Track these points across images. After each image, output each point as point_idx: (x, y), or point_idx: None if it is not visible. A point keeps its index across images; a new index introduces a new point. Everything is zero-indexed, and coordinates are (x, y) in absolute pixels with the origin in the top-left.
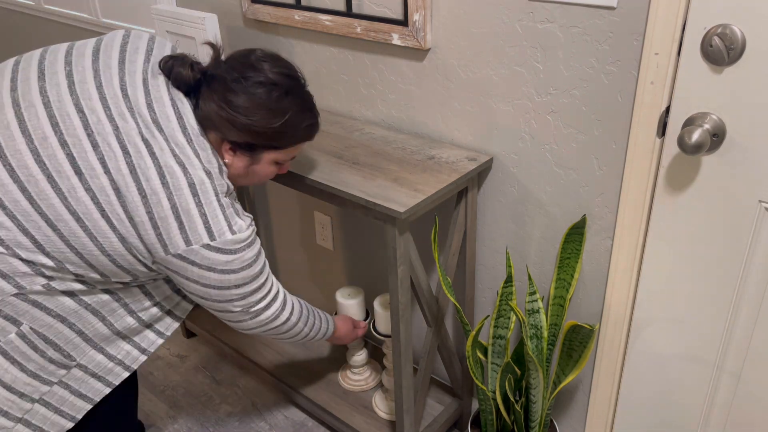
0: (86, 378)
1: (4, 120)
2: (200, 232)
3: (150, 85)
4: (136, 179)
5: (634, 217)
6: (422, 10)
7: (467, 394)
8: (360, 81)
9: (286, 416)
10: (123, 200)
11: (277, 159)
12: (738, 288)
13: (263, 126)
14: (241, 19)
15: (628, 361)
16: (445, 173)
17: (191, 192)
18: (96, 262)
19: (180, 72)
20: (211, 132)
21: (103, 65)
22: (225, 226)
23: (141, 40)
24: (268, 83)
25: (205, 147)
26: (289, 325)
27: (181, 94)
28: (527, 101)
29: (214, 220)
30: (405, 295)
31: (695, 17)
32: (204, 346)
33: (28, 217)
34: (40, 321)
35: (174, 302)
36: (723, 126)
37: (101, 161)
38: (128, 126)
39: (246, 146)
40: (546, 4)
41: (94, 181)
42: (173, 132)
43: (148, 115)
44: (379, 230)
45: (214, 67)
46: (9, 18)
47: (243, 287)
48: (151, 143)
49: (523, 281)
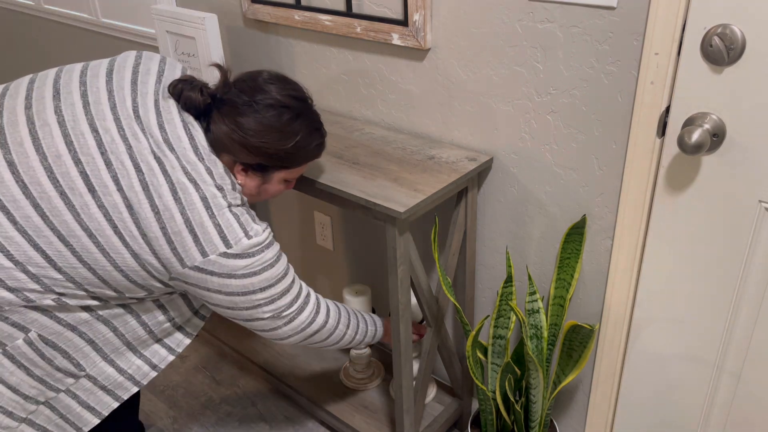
0: (95, 390)
1: (18, 137)
2: (215, 243)
3: (161, 107)
4: (149, 196)
5: (634, 217)
6: (422, 10)
7: (467, 394)
8: (360, 81)
9: (286, 416)
10: (136, 217)
11: (286, 177)
12: (738, 288)
13: (275, 148)
14: (241, 19)
15: (628, 361)
16: (445, 173)
17: (204, 206)
18: (109, 278)
19: (190, 96)
20: (224, 154)
21: (117, 86)
22: (241, 233)
23: (152, 61)
24: (278, 106)
25: (217, 165)
26: (329, 329)
27: (191, 118)
28: (527, 101)
29: (228, 229)
30: (405, 295)
31: (695, 17)
32: (204, 346)
33: (40, 233)
34: (49, 329)
35: (186, 318)
36: (723, 126)
37: (114, 179)
38: (141, 145)
39: (258, 167)
40: (546, 4)
41: (107, 198)
42: (185, 151)
43: (159, 136)
44: (379, 230)
45: (224, 91)
46: (9, 18)
47: (268, 290)
48: (164, 161)
49: (523, 281)
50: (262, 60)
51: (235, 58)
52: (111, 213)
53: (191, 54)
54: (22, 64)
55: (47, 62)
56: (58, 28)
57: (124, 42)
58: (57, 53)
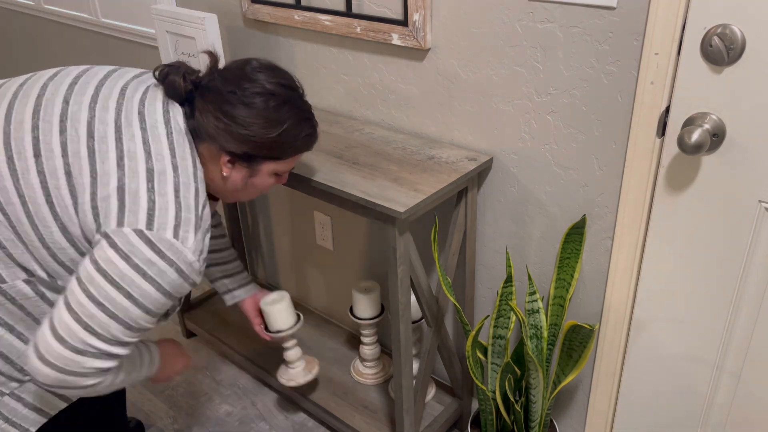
0: (41, 392)
1: None
2: (139, 216)
3: (150, 91)
4: (92, 162)
5: (634, 217)
6: (422, 10)
7: (467, 394)
8: (360, 81)
9: (286, 416)
10: (72, 183)
11: (276, 170)
12: (738, 288)
13: (261, 135)
14: (241, 19)
15: (628, 361)
16: (445, 173)
17: (147, 178)
18: (39, 256)
19: (174, 81)
20: (207, 143)
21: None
22: (171, 224)
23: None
24: (265, 93)
25: (184, 145)
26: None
27: (175, 104)
28: (527, 101)
29: (161, 211)
30: (405, 295)
31: (695, 17)
32: (204, 346)
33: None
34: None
35: None
36: (723, 126)
37: (62, 144)
38: (107, 114)
39: (245, 157)
40: (546, 4)
41: (49, 162)
42: (155, 123)
43: (136, 108)
44: (379, 230)
45: (209, 79)
46: (9, 18)
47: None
48: (123, 130)
49: (523, 281)
50: None
51: (236, 58)
52: (48, 179)
53: (191, 54)
54: (22, 64)
55: (47, 62)
56: (58, 28)
57: (124, 42)
58: (57, 53)
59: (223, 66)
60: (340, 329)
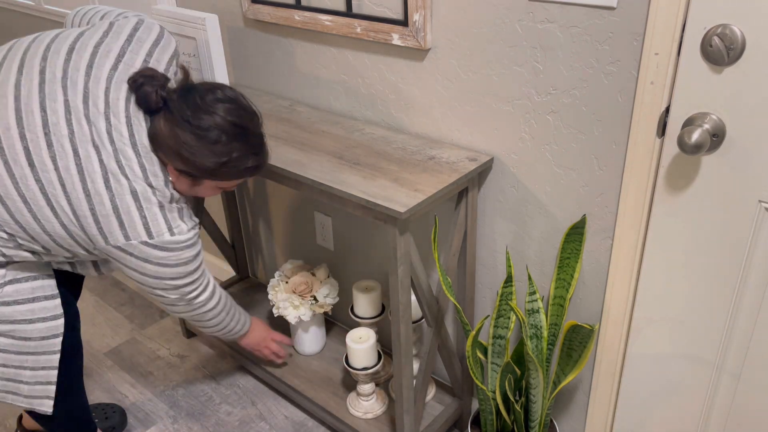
0: None
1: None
2: (139, 231)
3: (110, 97)
4: (83, 180)
5: (634, 217)
6: (422, 10)
7: (467, 394)
8: (360, 81)
9: (286, 416)
10: (68, 196)
11: (218, 186)
12: (738, 288)
13: (203, 163)
14: (242, 19)
15: (627, 361)
16: (445, 173)
17: (133, 198)
18: (38, 237)
19: (147, 93)
20: (161, 153)
21: (73, 67)
22: (164, 228)
23: (116, 42)
24: (217, 128)
25: (153, 162)
26: (214, 313)
27: (140, 113)
28: (527, 101)
29: (153, 222)
30: (405, 295)
31: (695, 17)
32: (204, 346)
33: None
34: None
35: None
36: (723, 126)
37: (53, 159)
38: (83, 132)
39: (187, 174)
40: (546, 4)
41: (44, 174)
42: (123, 146)
43: (103, 127)
44: (380, 230)
45: (176, 97)
46: (9, 18)
47: (177, 280)
48: (101, 151)
49: (523, 281)
50: (262, 60)
51: (236, 59)
52: (46, 187)
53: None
54: None
55: None
56: (58, 28)
57: None
58: None
59: (191, 85)
60: (340, 329)
